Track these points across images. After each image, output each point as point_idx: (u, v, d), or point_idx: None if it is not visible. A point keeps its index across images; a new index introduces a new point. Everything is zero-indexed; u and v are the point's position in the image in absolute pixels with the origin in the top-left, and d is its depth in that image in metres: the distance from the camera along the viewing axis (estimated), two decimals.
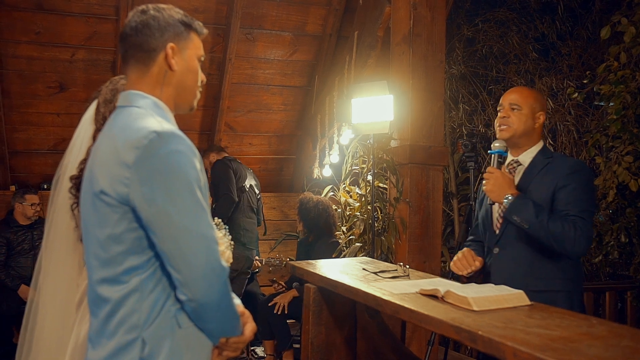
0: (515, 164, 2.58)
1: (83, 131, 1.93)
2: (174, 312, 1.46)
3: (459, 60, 6.23)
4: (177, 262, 1.40)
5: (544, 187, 2.42)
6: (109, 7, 5.01)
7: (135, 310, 1.43)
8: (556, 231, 2.28)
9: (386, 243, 3.93)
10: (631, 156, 4.51)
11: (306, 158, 6.23)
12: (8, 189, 5.51)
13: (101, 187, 1.43)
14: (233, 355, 1.63)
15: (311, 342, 2.49)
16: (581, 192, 2.38)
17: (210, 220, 1.47)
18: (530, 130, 2.52)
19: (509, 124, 2.51)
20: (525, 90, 2.60)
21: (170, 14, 1.58)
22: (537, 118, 2.52)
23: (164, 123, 1.46)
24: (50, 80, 5.25)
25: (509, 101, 2.53)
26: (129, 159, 1.39)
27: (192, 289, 1.42)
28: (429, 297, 1.96)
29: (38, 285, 1.91)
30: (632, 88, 4.47)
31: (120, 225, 1.42)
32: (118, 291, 1.44)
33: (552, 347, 1.40)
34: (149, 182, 1.38)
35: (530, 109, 2.50)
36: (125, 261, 1.43)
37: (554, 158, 2.51)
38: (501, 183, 2.42)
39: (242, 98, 5.81)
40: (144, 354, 1.42)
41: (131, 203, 1.40)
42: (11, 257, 5.03)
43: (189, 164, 1.43)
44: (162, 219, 1.39)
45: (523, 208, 2.34)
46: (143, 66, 1.56)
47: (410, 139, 3.89)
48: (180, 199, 1.40)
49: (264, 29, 5.47)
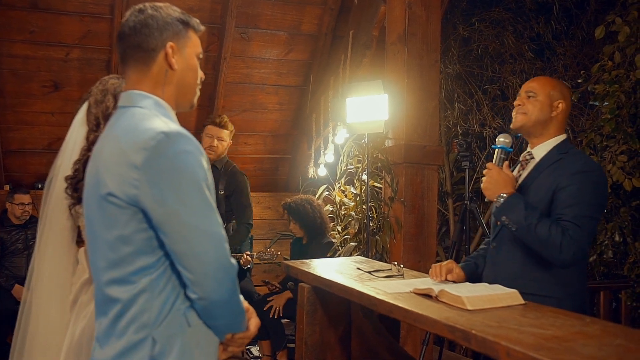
0: (529, 157, 2.43)
1: (75, 132, 1.93)
2: (183, 311, 1.47)
3: (455, 59, 6.24)
4: (189, 262, 1.42)
5: (547, 185, 2.28)
6: (104, 5, 4.99)
7: (146, 310, 1.44)
8: (542, 236, 2.15)
9: (381, 242, 3.94)
10: (625, 155, 4.52)
11: (301, 157, 6.22)
12: (2, 188, 5.49)
13: (109, 189, 1.43)
14: (238, 351, 1.65)
15: (305, 342, 2.49)
16: (583, 195, 2.20)
17: (219, 219, 1.48)
18: (545, 119, 2.36)
19: (522, 111, 2.39)
20: (544, 78, 2.48)
21: (168, 13, 1.58)
22: (555, 107, 2.36)
23: (170, 123, 1.47)
24: (45, 80, 5.22)
25: (526, 89, 2.41)
26: (137, 160, 1.40)
27: (203, 287, 1.43)
28: (423, 296, 1.96)
29: (31, 285, 1.91)
30: (626, 87, 4.49)
31: (129, 226, 1.43)
32: (128, 291, 1.44)
33: (546, 347, 1.40)
34: (158, 183, 1.39)
35: (546, 96, 2.36)
36: (135, 262, 1.44)
37: (568, 155, 2.33)
38: (497, 180, 2.32)
39: (237, 97, 5.80)
40: (154, 353, 1.43)
41: (141, 204, 1.41)
42: (5, 257, 5.02)
43: (197, 164, 1.44)
44: (173, 219, 1.40)
45: (513, 209, 2.23)
46: (143, 66, 1.56)
47: (405, 139, 3.89)
48: (189, 199, 1.41)
49: (259, 28, 5.46)
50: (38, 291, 1.88)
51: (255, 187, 6.47)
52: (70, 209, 1.89)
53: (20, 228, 5.09)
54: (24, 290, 1.95)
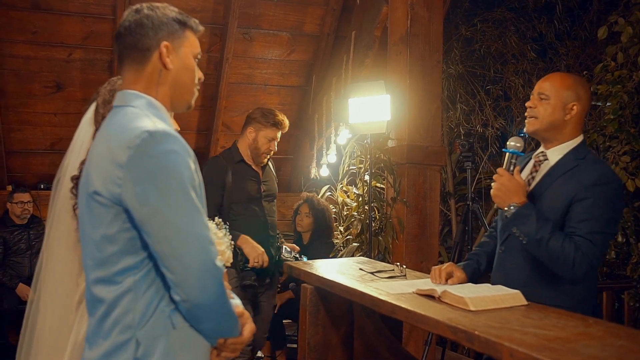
0: (543, 158, 2.31)
1: (83, 132, 1.93)
2: (168, 313, 1.45)
3: (457, 60, 6.23)
4: (171, 263, 1.40)
5: (562, 195, 2.16)
6: (106, 6, 4.99)
7: (130, 311, 1.42)
8: (555, 251, 2.06)
9: (383, 243, 3.93)
10: (628, 156, 4.51)
11: (304, 158, 6.22)
12: (5, 188, 5.49)
13: (95, 187, 1.43)
14: (232, 356, 1.62)
15: (308, 342, 2.49)
16: (597, 209, 2.09)
17: (206, 221, 1.46)
18: (559, 123, 2.23)
19: (534, 115, 2.26)
20: (558, 77, 2.32)
21: (164, 13, 1.57)
22: (569, 109, 2.23)
23: (158, 123, 1.45)
24: (47, 80, 5.23)
25: (538, 90, 2.28)
26: (122, 159, 1.39)
27: (186, 289, 1.41)
28: (425, 297, 1.96)
29: (38, 285, 1.91)
30: (629, 88, 4.48)
31: (113, 225, 1.42)
32: (113, 291, 1.43)
33: (549, 347, 1.40)
34: (141, 182, 1.38)
35: (559, 99, 2.22)
36: (119, 261, 1.43)
37: (585, 161, 2.20)
38: (508, 188, 2.18)
39: (239, 98, 5.80)
40: (138, 354, 1.41)
41: (124, 203, 1.39)
42: (8, 257, 5.03)
43: (183, 164, 1.42)
44: (155, 219, 1.38)
45: (525, 220, 2.12)
46: (138, 65, 1.55)
47: (407, 139, 3.89)
48: (173, 199, 1.39)
49: (262, 28, 5.46)
50: (44, 291, 1.88)
51: None
52: (74, 209, 1.90)
53: (22, 228, 5.10)
54: (31, 290, 1.95)
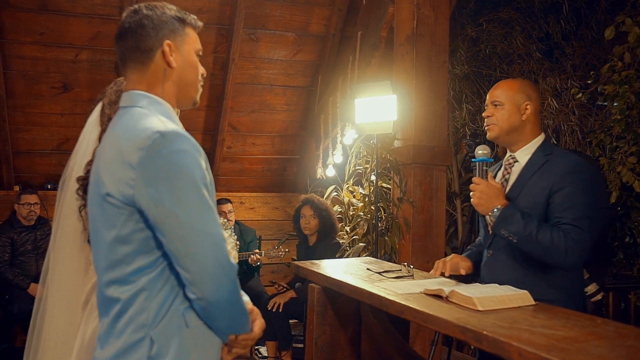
0: (512, 161, 2.41)
1: (88, 133, 1.93)
2: (182, 311, 1.46)
3: (463, 60, 6.22)
4: (186, 262, 1.41)
5: (539, 189, 2.25)
6: (113, 7, 5.01)
7: (144, 309, 1.43)
8: (545, 244, 2.13)
9: (390, 243, 3.94)
10: (635, 157, 4.50)
11: (309, 158, 6.22)
12: (12, 189, 5.52)
13: (107, 189, 1.43)
14: (242, 352, 1.63)
15: (315, 342, 2.49)
16: (578, 196, 2.18)
17: (218, 219, 1.47)
18: (518, 124, 2.34)
19: (493, 122, 2.37)
20: (505, 83, 2.43)
21: (163, 11, 1.57)
22: (524, 110, 2.34)
23: (167, 123, 1.46)
24: (54, 81, 5.25)
25: (491, 99, 2.39)
26: (133, 160, 1.39)
27: (201, 287, 1.42)
28: (433, 297, 1.96)
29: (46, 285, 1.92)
30: (636, 88, 4.47)
31: (126, 226, 1.43)
32: (127, 291, 1.44)
33: (558, 347, 1.40)
34: (154, 183, 1.38)
35: (512, 102, 2.34)
36: (133, 262, 1.44)
37: (553, 155, 2.31)
38: (487, 194, 2.27)
39: (245, 98, 5.81)
40: (152, 353, 1.42)
41: (137, 204, 1.40)
42: (15, 257, 5.05)
43: (194, 163, 1.42)
44: (169, 219, 1.39)
45: (510, 220, 2.19)
46: (142, 66, 1.55)
47: (413, 139, 3.89)
48: (186, 198, 1.40)
49: (268, 29, 5.47)
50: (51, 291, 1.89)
51: (263, 188, 6.49)
52: (80, 210, 1.90)
53: (29, 229, 5.12)
54: (39, 288, 1.96)
